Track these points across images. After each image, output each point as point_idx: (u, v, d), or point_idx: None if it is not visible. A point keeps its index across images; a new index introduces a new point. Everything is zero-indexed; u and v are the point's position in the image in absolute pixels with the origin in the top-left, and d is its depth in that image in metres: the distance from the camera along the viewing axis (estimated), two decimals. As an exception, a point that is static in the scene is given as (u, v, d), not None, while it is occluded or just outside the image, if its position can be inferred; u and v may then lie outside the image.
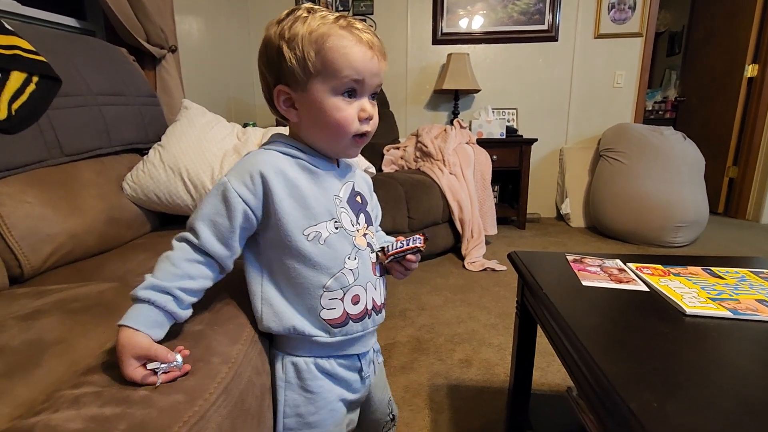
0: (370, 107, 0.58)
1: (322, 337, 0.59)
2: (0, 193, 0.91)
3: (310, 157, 0.60)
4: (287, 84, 0.56)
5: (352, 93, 0.56)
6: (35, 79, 1.02)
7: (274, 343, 0.65)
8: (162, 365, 0.48)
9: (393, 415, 0.80)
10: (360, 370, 0.65)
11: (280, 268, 0.59)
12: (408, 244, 0.63)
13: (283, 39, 0.54)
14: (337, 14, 0.56)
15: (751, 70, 3.09)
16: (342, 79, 0.54)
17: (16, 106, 0.96)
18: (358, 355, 0.65)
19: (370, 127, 0.59)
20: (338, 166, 0.64)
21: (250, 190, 0.54)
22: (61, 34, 1.27)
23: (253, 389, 0.57)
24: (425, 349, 1.40)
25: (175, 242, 0.55)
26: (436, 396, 1.17)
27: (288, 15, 0.56)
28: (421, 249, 0.63)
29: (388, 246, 0.64)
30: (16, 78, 0.98)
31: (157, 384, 0.47)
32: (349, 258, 0.60)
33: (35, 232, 0.93)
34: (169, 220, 1.37)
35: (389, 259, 0.64)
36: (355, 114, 0.57)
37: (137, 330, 0.48)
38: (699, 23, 3.77)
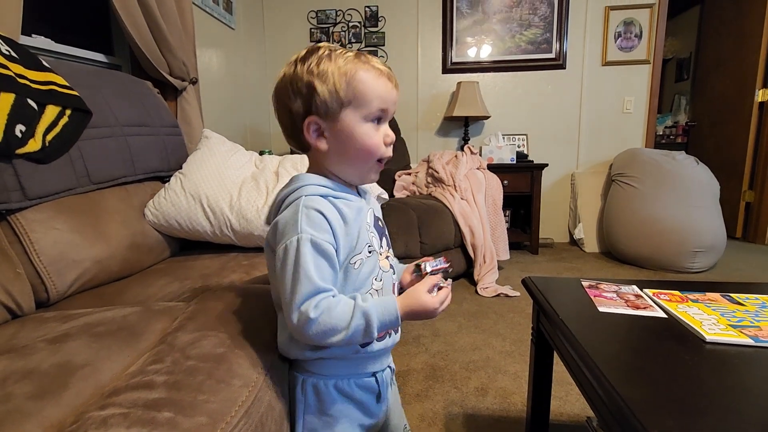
0: (392, 133, 0.63)
1: (348, 355, 0.62)
2: (31, 219, 0.95)
3: (341, 192, 0.62)
4: (317, 114, 0.59)
5: (378, 120, 0.61)
6: (68, 112, 1.08)
7: (294, 366, 0.66)
8: (439, 283, 0.62)
9: None
10: (377, 393, 0.66)
11: None
12: (438, 265, 0.69)
13: (312, 75, 0.58)
14: (355, 51, 0.61)
15: (762, 95, 3.09)
16: (371, 108, 0.59)
17: (49, 137, 1.02)
18: (375, 375, 0.66)
19: (391, 151, 0.64)
20: (359, 194, 0.67)
21: (328, 232, 0.57)
22: (92, 69, 1.35)
23: (273, 413, 0.58)
24: (440, 377, 1.38)
25: (312, 311, 0.53)
26: (452, 425, 1.15)
27: (310, 54, 0.60)
28: (449, 270, 0.70)
29: (422, 265, 0.69)
30: (51, 111, 1.04)
31: (449, 287, 0.64)
32: (375, 279, 0.63)
33: (62, 258, 0.97)
34: (187, 246, 1.40)
35: (427, 275, 0.69)
36: (381, 139, 0.62)
37: (396, 301, 0.58)
38: (706, 50, 3.81)
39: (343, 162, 0.62)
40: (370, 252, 0.62)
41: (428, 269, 0.68)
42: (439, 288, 0.63)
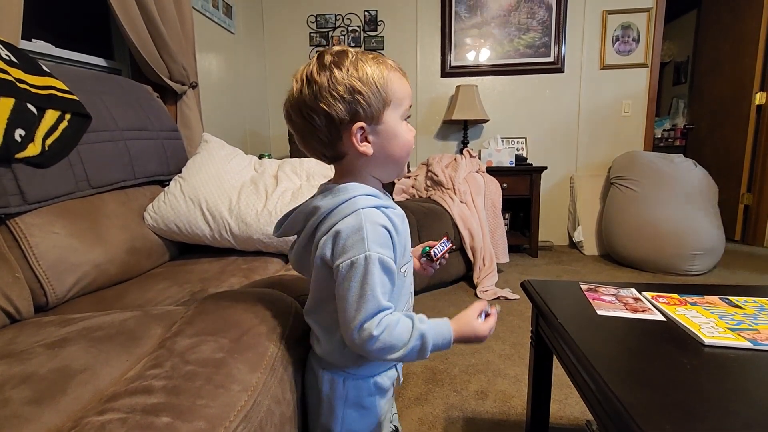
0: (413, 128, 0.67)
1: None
2: (30, 224, 0.95)
3: (387, 201, 0.62)
4: (364, 120, 0.59)
5: (407, 118, 0.64)
6: (68, 116, 1.09)
7: (329, 366, 0.66)
8: (486, 309, 0.65)
9: (396, 426, 0.81)
10: (395, 379, 0.71)
11: None
12: (445, 247, 0.76)
13: (354, 78, 0.57)
14: (376, 54, 0.62)
15: (759, 98, 3.11)
16: (405, 106, 0.63)
17: (49, 141, 1.02)
18: (395, 366, 0.71)
19: None
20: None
21: (390, 248, 0.58)
22: (92, 74, 1.35)
23: (272, 418, 0.58)
24: (440, 380, 1.38)
25: (376, 329, 0.55)
26: (451, 429, 1.14)
27: (342, 59, 0.58)
28: (453, 248, 0.77)
29: (432, 251, 0.75)
30: (50, 116, 1.04)
31: (495, 313, 0.67)
32: (411, 283, 0.68)
33: (61, 262, 0.97)
34: (187, 250, 1.40)
35: (438, 262, 0.76)
36: (412, 135, 0.65)
37: (450, 326, 0.61)
38: (704, 53, 3.83)
39: (387, 163, 0.63)
40: (409, 258, 0.65)
41: (438, 254, 0.73)
42: (487, 314, 0.65)
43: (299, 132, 0.62)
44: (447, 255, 0.76)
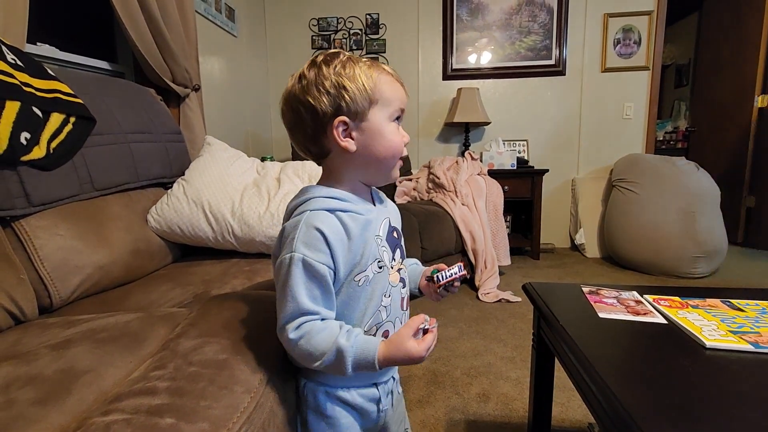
0: (407, 133, 0.65)
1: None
2: (35, 226, 0.96)
3: (351, 204, 0.61)
4: (346, 115, 0.59)
5: (397, 120, 0.63)
6: (72, 119, 1.09)
7: (299, 369, 0.67)
8: (424, 324, 0.58)
9: None
10: (378, 401, 0.66)
11: None
12: (455, 273, 0.67)
13: (341, 75, 0.58)
14: (372, 61, 0.63)
15: (761, 101, 3.10)
16: (394, 107, 0.62)
17: (54, 144, 1.03)
18: (376, 384, 0.66)
19: (406, 150, 0.66)
20: (374, 205, 0.67)
21: (324, 253, 0.56)
22: (96, 77, 1.36)
23: (275, 419, 0.58)
24: (442, 383, 1.38)
25: (293, 333, 0.56)
26: (453, 431, 1.14)
27: (333, 58, 0.60)
28: (467, 276, 0.68)
29: (436, 276, 0.68)
30: (55, 119, 1.05)
31: (435, 329, 0.59)
32: (384, 296, 0.63)
33: (65, 264, 0.97)
34: (189, 252, 1.41)
35: (440, 288, 0.68)
36: (401, 138, 0.63)
37: (377, 348, 0.56)
38: (705, 56, 3.83)
39: (369, 163, 0.62)
40: (380, 268, 0.62)
41: (441, 280, 0.67)
42: (425, 331, 0.59)
43: (288, 125, 0.64)
44: (457, 283, 0.68)
